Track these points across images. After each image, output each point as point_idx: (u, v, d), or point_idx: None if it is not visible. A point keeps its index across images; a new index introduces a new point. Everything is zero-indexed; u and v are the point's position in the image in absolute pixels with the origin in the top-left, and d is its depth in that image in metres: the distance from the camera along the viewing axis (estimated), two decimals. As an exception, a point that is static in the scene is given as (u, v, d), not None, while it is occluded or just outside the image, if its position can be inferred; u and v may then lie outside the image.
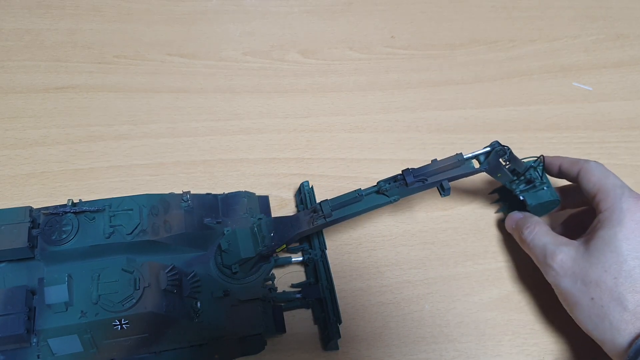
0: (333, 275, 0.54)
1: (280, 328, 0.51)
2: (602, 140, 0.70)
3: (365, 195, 0.51)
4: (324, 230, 0.56)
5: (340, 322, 0.51)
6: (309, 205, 0.57)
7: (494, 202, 0.62)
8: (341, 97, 0.69)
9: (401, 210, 0.61)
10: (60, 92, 0.64)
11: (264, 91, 0.68)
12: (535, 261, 0.53)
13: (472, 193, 0.63)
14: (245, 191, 0.55)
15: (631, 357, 0.44)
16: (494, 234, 0.61)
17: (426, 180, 0.50)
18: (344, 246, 0.58)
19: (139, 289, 0.43)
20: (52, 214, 0.46)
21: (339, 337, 0.51)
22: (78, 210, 0.46)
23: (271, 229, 0.50)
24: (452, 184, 0.53)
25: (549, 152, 0.68)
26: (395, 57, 0.74)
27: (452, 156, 0.51)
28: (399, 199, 0.51)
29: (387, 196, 0.51)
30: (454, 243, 0.60)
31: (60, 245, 0.45)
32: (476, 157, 0.52)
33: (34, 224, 0.47)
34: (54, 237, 0.45)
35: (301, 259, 0.55)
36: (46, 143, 0.60)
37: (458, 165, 0.51)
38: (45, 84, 0.64)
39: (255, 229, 0.49)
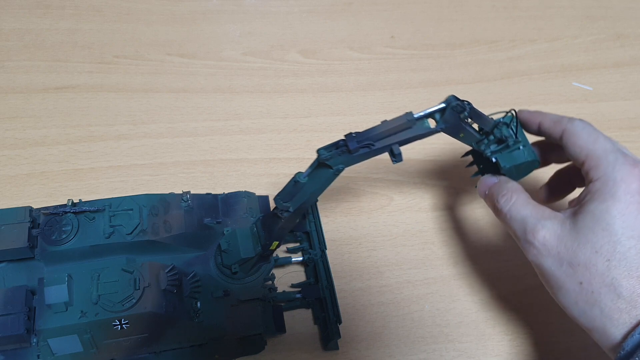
0: (333, 275, 0.54)
1: (280, 328, 0.51)
2: (602, 140, 0.70)
3: (307, 176, 0.44)
4: (324, 230, 0.56)
5: (340, 322, 0.51)
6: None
7: (468, 165, 0.54)
8: (341, 97, 0.69)
9: (401, 210, 0.61)
10: (60, 92, 0.64)
11: (264, 91, 0.68)
12: (512, 235, 0.46)
13: (472, 193, 0.63)
14: (245, 191, 0.55)
15: (628, 352, 0.38)
16: (494, 234, 0.61)
17: (373, 145, 0.43)
18: (344, 246, 0.58)
19: (139, 289, 0.43)
20: (52, 214, 0.46)
21: (339, 337, 0.51)
22: (78, 210, 0.46)
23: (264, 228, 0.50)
24: (452, 183, 0.53)
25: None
26: (395, 57, 0.74)
27: (401, 116, 0.44)
28: (343, 168, 0.44)
29: (329, 167, 0.43)
30: (454, 243, 0.60)
31: (60, 245, 0.45)
32: (430, 115, 0.45)
33: (34, 224, 0.47)
34: (54, 237, 0.45)
35: (301, 259, 0.55)
36: (46, 143, 0.60)
37: (409, 126, 0.44)
38: (45, 84, 0.64)
39: (255, 229, 0.49)
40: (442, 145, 0.66)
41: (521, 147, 0.48)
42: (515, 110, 0.47)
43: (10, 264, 0.47)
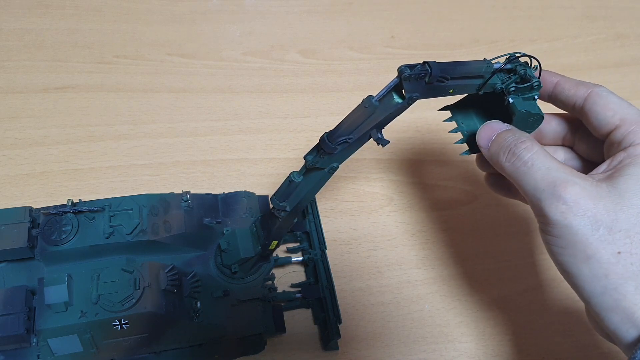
0: (333, 275, 0.54)
1: (280, 328, 0.51)
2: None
3: (302, 175, 0.43)
4: (324, 230, 0.56)
5: (340, 322, 0.51)
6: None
7: (446, 120, 0.48)
8: (341, 97, 0.69)
9: (401, 210, 0.61)
10: (60, 92, 0.64)
11: (264, 91, 0.68)
12: (529, 194, 0.38)
13: (472, 193, 0.63)
14: (245, 191, 0.55)
15: None
16: (494, 234, 0.61)
17: (350, 139, 0.41)
18: (344, 246, 0.58)
19: (138, 289, 0.43)
20: (52, 213, 0.46)
21: (339, 337, 0.51)
22: (78, 210, 0.46)
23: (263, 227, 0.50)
24: (452, 183, 0.52)
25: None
26: (395, 57, 0.74)
27: (360, 104, 0.40)
28: (337, 166, 0.42)
29: (321, 169, 0.43)
30: (453, 243, 0.60)
31: (60, 245, 0.45)
32: (389, 93, 0.40)
33: (33, 223, 0.47)
34: (53, 237, 0.45)
35: (301, 259, 0.55)
36: (46, 143, 0.60)
37: (372, 111, 0.40)
38: (45, 84, 0.64)
39: (255, 228, 0.49)
40: (442, 145, 0.66)
41: (536, 97, 0.43)
42: (537, 59, 0.42)
43: (10, 264, 0.47)
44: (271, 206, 0.46)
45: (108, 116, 0.63)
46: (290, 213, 0.45)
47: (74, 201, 0.48)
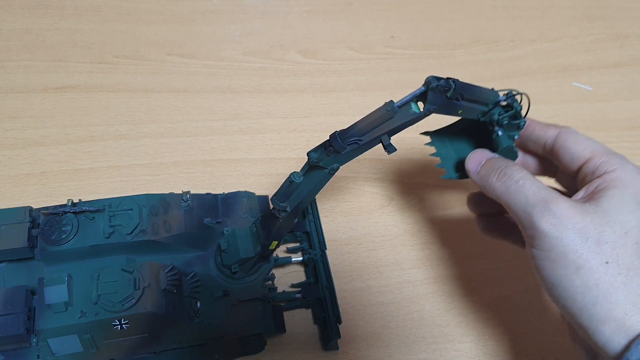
0: (333, 275, 0.54)
1: (280, 328, 0.51)
2: (602, 140, 0.69)
3: (302, 176, 0.44)
4: (324, 230, 0.56)
5: (340, 322, 0.51)
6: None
7: (426, 144, 0.51)
8: (341, 97, 0.69)
9: (401, 210, 0.61)
10: (60, 92, 0.64)
11: (264, 91, 0.68)
12: (519, 210, 0.41)
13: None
14: (245, 191, 0.55)
15: None
16: (494, 234, 0.61)
17: (361, 140, 0.41)
18: (344, 246, 0.58)
19: (138, 289, 0.43)
20: (51, 213, 0.46)
21: (339, 337, 0.51)
22: (78, 210, 0.46)
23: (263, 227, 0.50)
24: (452, 183, 0.52)
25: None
26: (395, 57, 0.74)
27: (380, 107, 0.41)
28: (338, 167, 0.43)
29: (323, 167, 0.42)
30: (453, 243, 0.60)
31: (60, 245, 0.45)
32: (412, 101, 0.42)
33: (33, 223, 0.47)
34: (53, 237, 0.45)
35: (301, 259, 0.55)
36: (46, 143, 0.60)
37: (391, 115, 0.41)
38: (45, 84, 0.64)
39: (255, 229, 0.49)
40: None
41: (516, 137, 0.46)
42: (529, 99, 0.45)
43: (10, 264, 0.47)
44: (271, 206, 0.46)
45: (108, 116, 0.63)
46: (291, 213, 0.45)
47: (74, 201, 0.48)
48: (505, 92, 0.45)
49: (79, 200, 0.48)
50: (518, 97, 0.45)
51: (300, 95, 0.69)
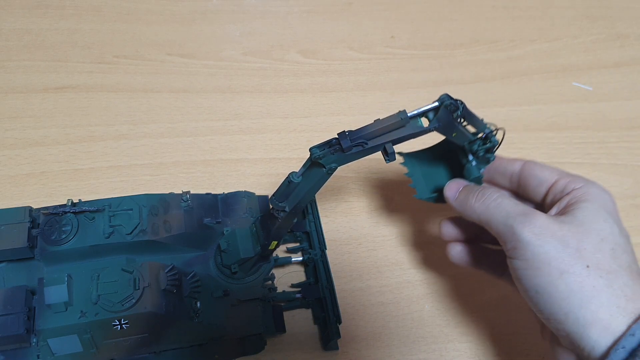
0: (333, 275, 0.54)
1: (280, 328, 0.51)
2: (602, 140, 0.70)
3: (301, 176, 0.44)
4: (324, 230, 0.56)
5: (340, 322, 0.51)
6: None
7: (402, 164, 0.54)
8: (341, 97, 0.69)
9: (401, 210, 0.61)
10: (60, 92, 0.64)
11: (264, 91, 0.68)
12: (500, 224, 0.43)
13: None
14: (245, 191, 0.55)
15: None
16: (494, 234, 0.61)
17: (366, 144, 0.43)
18: (344, 246, 0.59)
19: (138, 289, 0.43)
20: (51, 213, 0.46)
21: (339, 337, 0.51)
22: (78, 210, 0.46)
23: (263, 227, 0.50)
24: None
25: (549, 152, 0.68)
26: (395, 57, 0.74)
27: (394, 114, 0.43)
28: (336, 167, 0.43)
29: (322, 165, 0.43)
30: (454, 243, 0.60)
31: (60, 245, 0.45)
32: (424, 114, 0.45)
33: (33, 224, 0.47)
34: (53, 237, 0.45)
35: (301, 258, 0.55)
36: (46, 143, 0.60)
37: (402, 124, 0.43)
38: (45, 84, 0.64)
39: (254, 229, 0.49)
40: (442, 145, 0.66)
41: (482, 170, 0.49)
42: (503, 129, 0.48)
43: (10, 264, 0.47)
44: (270, 206, 0.46)
45: (108, 116, 0.63)
46: (290, 213, 0.45)
47: (74, 201, 0.48)
48: (490, 124, 0.48)
49: (79, 200, 0.48)
50: (497, 132, 0.48)
51: (300, 95, 0.69)
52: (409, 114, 0.43)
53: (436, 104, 0.44)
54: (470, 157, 0.49)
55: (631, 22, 0.83)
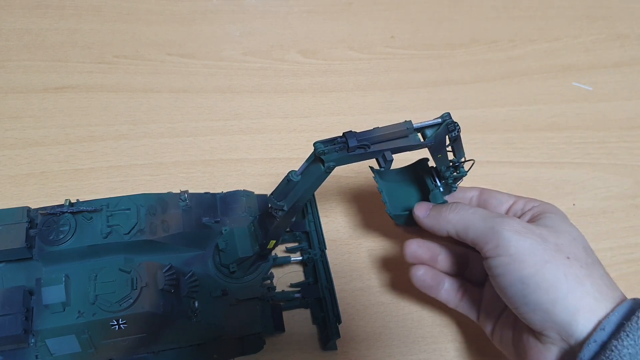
0: (333, 275, 0.54)
1: (279, 328, 0.51)
2: (602, 140, 0.70)
3: (300, 174, 0.44)
4: (324, 230, 0.56)
5: (339, 322, 0.51)
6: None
7: (373, 177, 0.54)
8: (341, 97, 0.69)
9: (401, 210, 0.61)
10: (60, 92, 0.64)
11: (264, 91, 0.68)
12: (479, 228, 0.44)
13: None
14: (243, 190, 0.55)
15: (625, 314, 0.39)
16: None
17: (369, 147, 0.43)
18: (344, 246, 0.58)
19: (136, 289, 0.43)
20: (49, 214, 0.46)
21: (339, 337, 0.51)
22: (75, 210, 0.46)
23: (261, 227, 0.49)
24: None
25: (549, 152, 0.68)
26: (395, 57, 0.74)
27: (401, 123, 0.45)
28: (334, 166, 0.43)
29: (322, 163, 0.43)
30: (453, 243, 0.60)
31: (57, 246, 0.45)
32: (426, 128, 0.46)
33: (31, 224, 0.47)
34: (51, 237, 0.45)
35: (300, 258, 0.55)
36: (46, 143, 0.60)
37: (405, 134, 0.45)
38: (45, 84, 0.64)
39: (253, 228, 0.49)
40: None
41: (445, 196, 0.52)
42: (473, 161, 0.50)
43: (8, 264, 0.47)
44: (269, 205, 0.46)
45: (108, 116, 0.63)
46: (288, 212, 0.45)
47: (72, 201, 0.48)
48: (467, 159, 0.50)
49: (77, 200, 0.48)
50: (465, 162, 0.51)
51: (300, 95, 0.69)
52: (415, 125, 0.45)
53: (439, 120, 0.46)
54: (439, 183, 0.52)
55: (631, 22, 0.83)
